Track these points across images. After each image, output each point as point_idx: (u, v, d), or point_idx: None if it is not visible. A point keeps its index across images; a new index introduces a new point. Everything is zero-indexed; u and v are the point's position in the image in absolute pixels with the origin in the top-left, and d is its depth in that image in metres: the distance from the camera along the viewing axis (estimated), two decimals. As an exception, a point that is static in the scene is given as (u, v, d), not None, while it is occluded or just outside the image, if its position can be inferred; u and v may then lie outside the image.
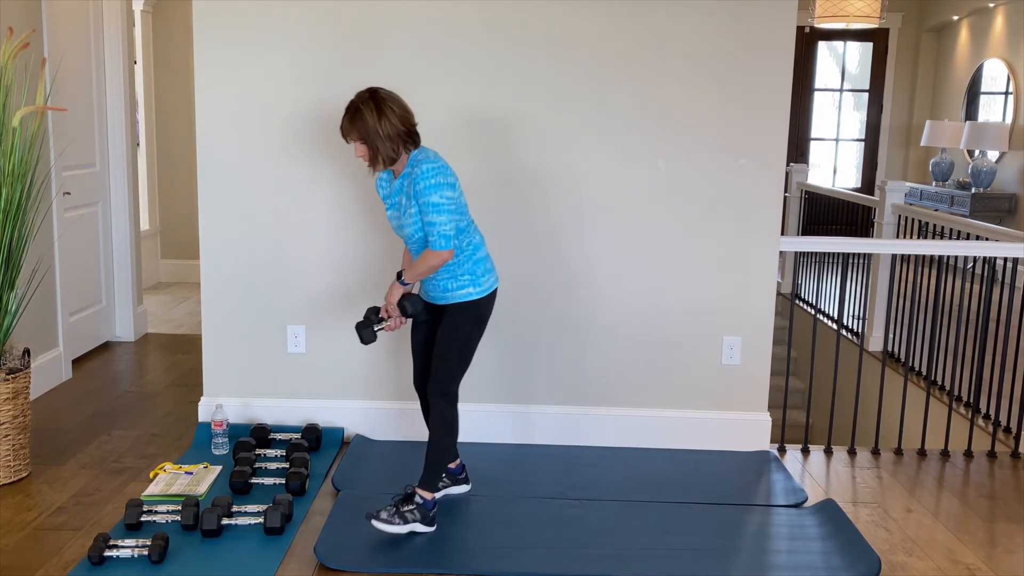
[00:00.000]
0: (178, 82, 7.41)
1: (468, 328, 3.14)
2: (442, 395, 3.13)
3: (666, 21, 3.74)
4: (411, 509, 3.08)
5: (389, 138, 2.98)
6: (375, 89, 3.04)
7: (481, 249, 3.18)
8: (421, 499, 3.10)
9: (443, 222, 2.99)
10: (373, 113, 2.96)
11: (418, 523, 3.08)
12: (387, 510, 3.07)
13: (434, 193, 2.97)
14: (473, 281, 3.13)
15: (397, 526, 3.05)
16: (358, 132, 2.99)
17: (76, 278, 5.04)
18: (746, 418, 4.00)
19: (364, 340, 3.21)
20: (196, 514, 3.06)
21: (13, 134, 3.41)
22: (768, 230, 3.88)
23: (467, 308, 3.14)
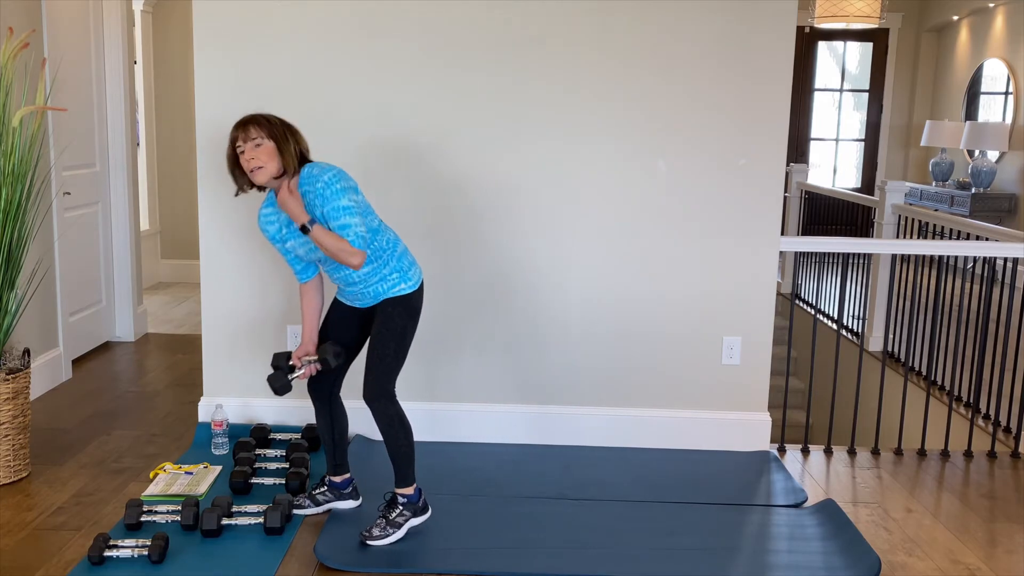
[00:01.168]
0: (178, 82, 7.41)
1: (402, 322, 3.04)
2: (381, 396, 3.02)
3: (666, 21, 3.74)
4: (400, 512, 3.06)
5: (292, 148, 2.92)
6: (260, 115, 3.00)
7: (399, 244, 3.10)
8: (404, 497, 3.08)
9: (356, 224, 2.88)
10: (282, 122, 2.95)
11: (411, 519, 3.08)
12: (377, 525, 3.04)
13: (342, 197, 2.87)
14: (403, 277, 3.05)
15: (394, 534, 3.03)
16: (267, 131, 2.90)
17: (76, 278, 5.04)
18: (746, 418, 4.00)
19: (280, 392, 3.04)
20: (196, 514, 3.06)
21: (13, 134, 3.41)
22: (768, 230, 3.88)
23: (400, 302, 3.05)
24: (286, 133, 2.93)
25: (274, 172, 2.90)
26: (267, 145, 2.89)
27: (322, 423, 3.25)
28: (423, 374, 3.97)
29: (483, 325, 3.95)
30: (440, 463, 3.75)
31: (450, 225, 3.88)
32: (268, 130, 2.91)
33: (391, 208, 3.84)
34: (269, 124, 2.92)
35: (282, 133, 2.92)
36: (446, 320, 3.93)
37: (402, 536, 3.05)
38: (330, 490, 3.30)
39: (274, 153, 2.89)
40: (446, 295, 3.91)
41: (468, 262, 3.90)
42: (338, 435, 3.27)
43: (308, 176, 2.93)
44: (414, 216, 3.86)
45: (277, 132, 2.91)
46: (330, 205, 2.87)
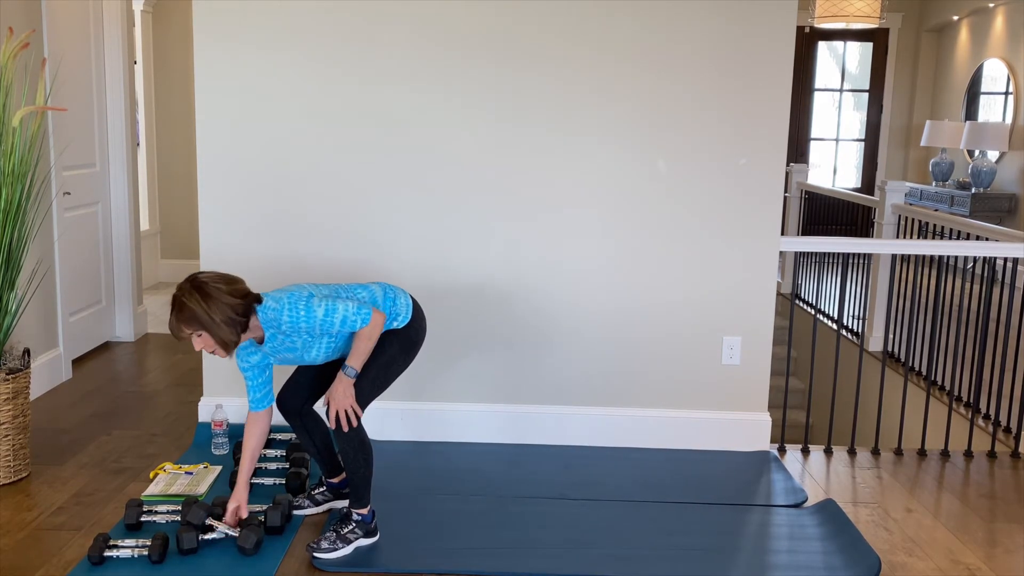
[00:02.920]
0: (178, 82, 7.41)
1: (392, 352, 3.01)
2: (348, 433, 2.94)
3: (666, 21, 3.74)
4: (352, 529, 3.00)
5: (226, 322, 2.75)
6: (193, 276, 2.80)
7: (375, 293, 3.03)
8: (359, 516, 3.02)
9: (345, 307, 2.84)
10: (200, 302, 2.72)
11: (361, 539, 3.02)
12: (327, 539, 2.96)
13: (316, 310, 2.83)
14: (392, 318, 3.03)
15: (341, 549, 2.96)
16: (193, 326, 2.75)
17: (76, 278, 5.04)
18: (746, 418, 4.00)
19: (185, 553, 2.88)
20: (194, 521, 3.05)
21: (13, 134, 3.41)
22: (768, 230, 3.88)
23: (397, 333, 3.04)
24: (210, 315, 2.73)
25: (229, 344, 2.79)
26: (205, 335, 2.77)
27: (301, 438, 3.23)
28: (424, 374, 3.97)
29: (484, 325, 3.95)
30: (440, 463, 3.75)
31: (450, 225, 3.88)
32: (195, 323, 2.74)
33: (390, 207, 3.85)
34: (194, 316, 2.73)
35: (208, 320, 2.73)
36: (446, 320, 3.93)
37: (349, 553, 2.96)
38: (328, 490, 3.31)
39: (212, 339, 2.77)
40: (446, 295, 3.91)
41: (467, 262, 3.90)
42: (320, 445, 3.24)
43: (274, 323, 2.85)
44: (413, 216, 3.86)
45: (203, 319, 2.73)
46: (315, 324, 2.84)
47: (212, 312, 2.72)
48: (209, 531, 3.00)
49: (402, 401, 3.99)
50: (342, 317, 2.85)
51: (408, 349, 3.06)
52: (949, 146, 8.76)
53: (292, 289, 2.92)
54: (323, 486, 3.32)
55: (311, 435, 3.22)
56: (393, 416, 4.00)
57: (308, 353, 2.98)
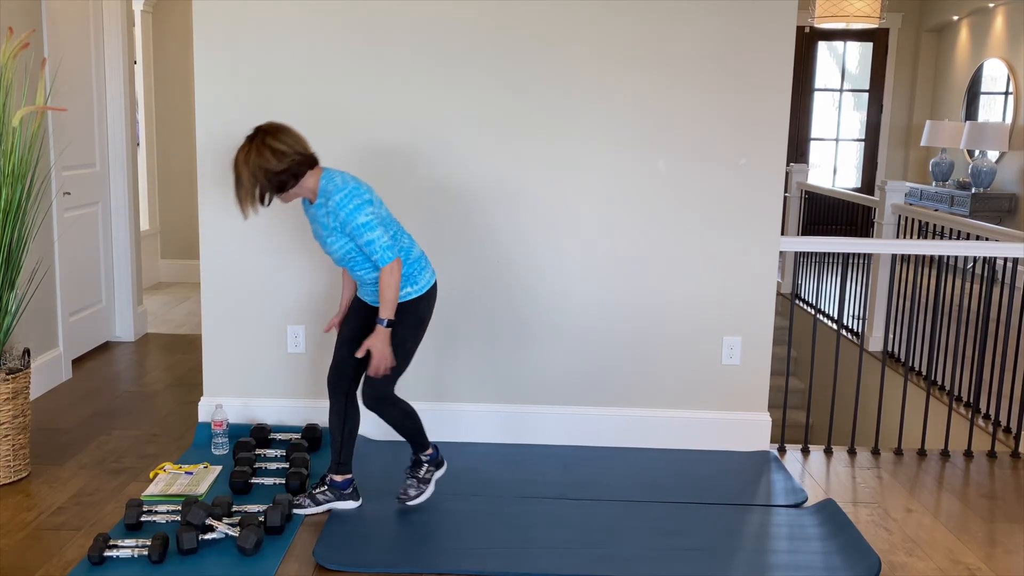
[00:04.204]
0: (178, 82, 7.41)
1: (404, 331, 3.13)
2: (381, 400, 3.15)
3: (666, 21, 3.74)
4: (426, 469, 3.33)
5: (257, 181, 2.97)
6: (259, 127, 3.02)
7: (413, 250, 3.19)
8: (428, 456, 3.33)
9: (378, 237, 3.00)
10: (243, 159, 2.96)
11: (435, 473, 3.35)
12: (411, 486, 3.30)
13: (359, 214, 2.99)
14: (410, 281, 3.15)
15: (427, 491, 3.30)
16: (242, 175, 2.98)
17: (76, 278, 5.04)
18: (746, 418, 4.00)
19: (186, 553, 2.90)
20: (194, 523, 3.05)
21: (13, 134, 3.41)
22: (768, 230, 3.88)
23: (407, 309, 3.13)
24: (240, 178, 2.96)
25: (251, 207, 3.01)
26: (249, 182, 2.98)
27: (334, 419, 3.28)
28: (423, 374, 3.97)
29: (483, 325, 3.95)
30: (440, 463, 3.75)
31: (449, 225, 3.88)
32: (243, 175, 2.97)
33: (390, 207, 3.84)
34: (243, 167, 2.97)
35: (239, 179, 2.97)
36: (446, 320, 3.93)
37: (432, 491, 3.32)
38: (330, 489, 3.30)
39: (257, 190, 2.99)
40: (445, 295, 3.90)
41: (467, 262, 3.90)
42: (347, 432, 3.29)
43: (323, 192, 3.04)
44: (414, 215, 3.86)
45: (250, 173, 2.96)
46: (351, 224, 3.00)
47: (260, 165, 2.94)
48: (209, 531, 3.00)
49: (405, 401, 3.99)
50: (374, 239, 2.99)
51: (418, 324, 3.20)
52: (949, 146, 8.76)
53: (359, 185, 3.04)
54: (325, 485, 3.31)
55: (344, 421, 3.28)
56: (393, 416, 4.00)
57: (330, 241, 3.08)
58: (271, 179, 2.97)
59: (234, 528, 3.01)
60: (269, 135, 2.99)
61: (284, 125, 3.05)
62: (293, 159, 2.98)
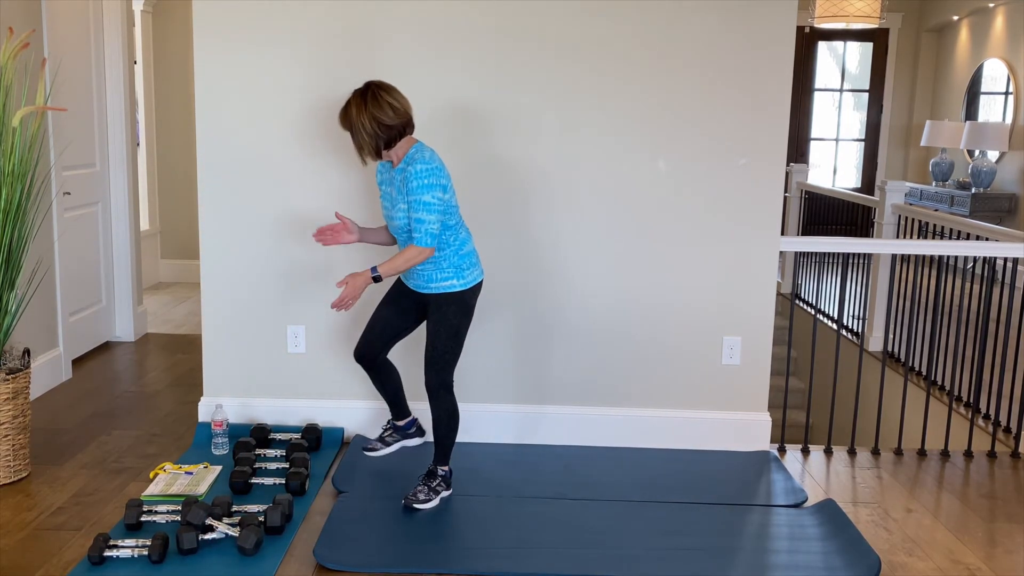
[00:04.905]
0: (178, 82, 7.41)
1: (456, 320, 3.28)
2: (441, 387, 3.32)
3: (667, 21, 3.74)
4: (439, 482, 3.38)
5: (370, 133, 3.11)
6: (371, 82, 3.17)
7: (467, 245, 3.31)
8: (443, 472, 3.40)
9: (431, 221, 3.11)
10: (361, 107, 3.10)
11: (444, 491, 3.41)
12: (421, 491, 3.33)
13: (426, 193, 3.09)
14: (457, 274, 3.26)
15: (433, 501, 3.34)
16: (345, 123, 3.16)
17: (76, 278, 5.04)
18: (746, 418, 4.00)
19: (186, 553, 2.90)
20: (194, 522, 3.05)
21: (13, 134, 3.41)
22: (768, 230, 3.88)
23: (452, 300, 3.27)
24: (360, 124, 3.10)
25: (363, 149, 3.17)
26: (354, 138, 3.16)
27: (375, 384, 3.54)
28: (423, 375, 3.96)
29: (483, 325, 3.95)
30: (440, 463, 3.75)
31: (450, 225, 3.88)
32: (345, 123, 3.16)
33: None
34: (348, 116, 3.14)
35: (357, 124, 3.11)
36: (446, 320, 3.93)
37: (437, 503, 3.35)
38: (396, 432, 3.61)
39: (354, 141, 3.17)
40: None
41: (468, 262, 3.90)
42: (391, 390, 3.55)
43: (408, 158, 3.16)
44: (414, 216, 3.86)
45: (352, 123, 3.13)
46: (414, 196, 3.10)
47: (362, 119, 3.09)
48: (209, 531, 3.00)
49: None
50: (425, 219, 3.11)
51: (466, 312, 3.32)
52: (949, 146, 8.76)
53: (443, 168, 3.17)
54: (390, 428, 3.62)
55: (384, 383, 3.53)
56: (393, 416, 4.00)
57: (396, 210, 3.21)
58: (383, 132, 3.12)
59: (234, 528, 3.01)
60: (383, 89, 3.14)
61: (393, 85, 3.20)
62: (403, 118, 3.15)
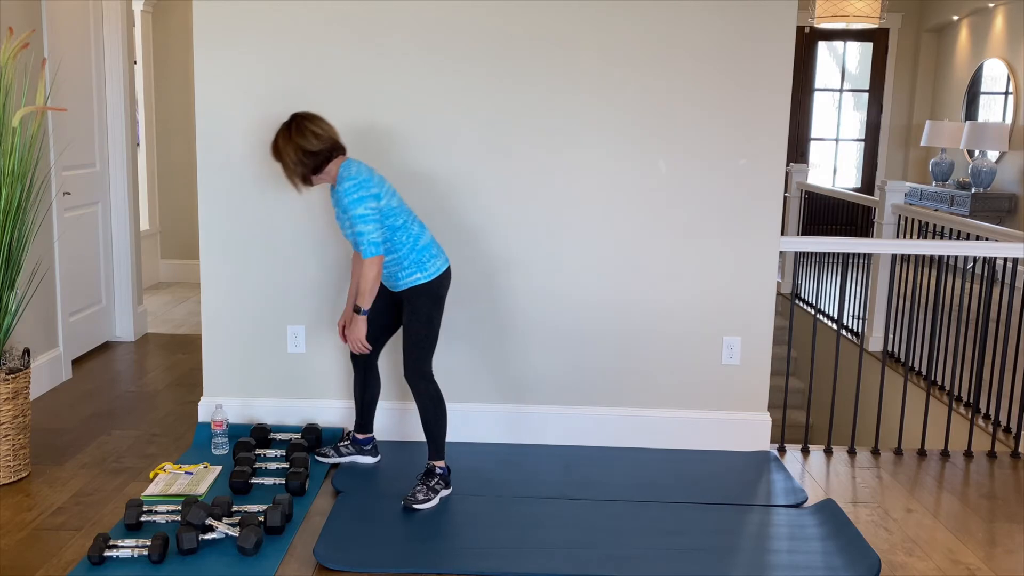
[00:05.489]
0: (178, 82, 7.41)
1: (427, 310, 3.38)
2: (420, 377, 3.39)
3: (667, 21, 3.74)
4: (437, 481, 3.39)
5: (296, 161, 3.24)
6: (296, 114, 3.32)
7: (422, 238, 3.39)
8: (440, 469, 3.42)
9: (369, 231, 3.24)
10: (287, 138, 3.25)
11: (443, 490, 3.42)
12: (420, 491, 3.34)
13: (358, 206, 3.22)
14: (419, 268, 3.36)
15: (432, 500, 3.35)
16: (275, 155, 3.30)
17: (76, 278, 5.04)
18: (746, 418, 4.00)
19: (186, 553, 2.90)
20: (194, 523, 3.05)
21: (13, 134, 3.41)
22: (768, 230, 3.88)
23: (421, 292, 3.38)
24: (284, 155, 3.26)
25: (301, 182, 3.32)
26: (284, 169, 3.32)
27: (357, 388, 3.65)
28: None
29: (483, 325, 3.95)
30: (440, 463, 3.75)
31: (449, 225, 3.88)
32: (274, 155, 3.31)
33: (391, 208, 3.85)
34: (276, 148, 3.29)
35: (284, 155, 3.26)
36: (446, 320, 3.93)
37: (437, 503, 3.36)
38: (352, 444, 3.67)
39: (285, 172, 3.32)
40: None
41: (467, 262, 3.90)
42: (368, 400, 3.66)
43: (339, 178, 3.30)
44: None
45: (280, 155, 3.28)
46: (349, 212, 3.25)
47: (287, 151, 3.24)
48: (209, 531, 3.00)
49: (402, 401, 4.00)
50: (363, 231, 3.24)
51: (436, 302, 3.41)
52: (949, 146, 8.76)
53: (370, 178, 3.28)
54: (348, 440, 3.70)
55: (364, 390, 3.64)
56: (393, 416, 4.00)
57: (344, 228, 3.37)
58: (308, 159, 3.25)
59: (234, 528, 3.01)
60: (306, 119, 3.28)
61: (315, 113, 3.36)
62: (327, 143, 3.27)
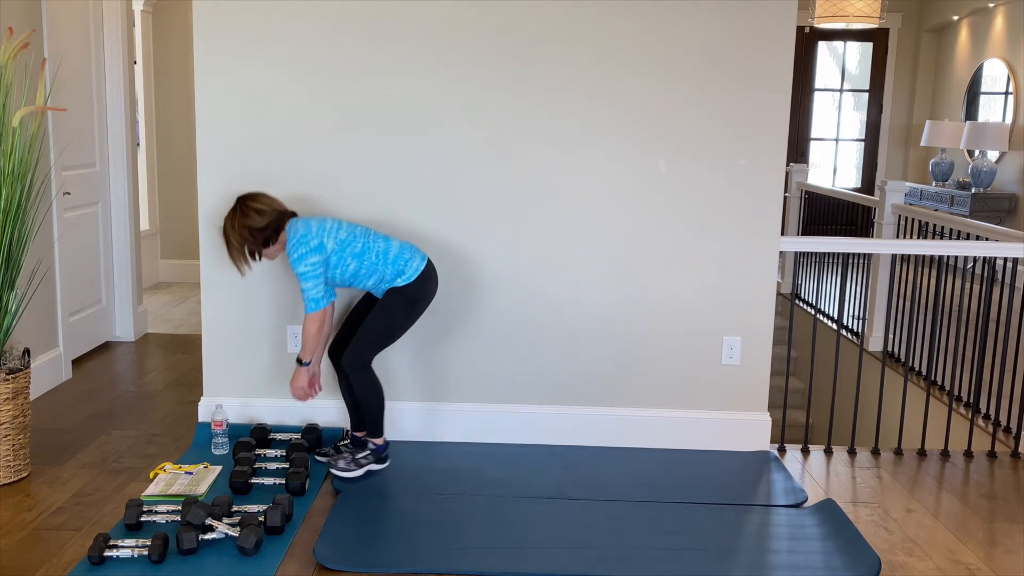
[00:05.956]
0: (178, 82, 7.41)
1: (397, 311, 3.49)
2: (356, 366, 3.47)
3: (667, 21, 3.74)
4: (366, 455, 3.54)
5: (245, 239, 3.41)
6: (239, 197, 3.47)
7: (391, 249, 3.49)
8: (374, 445, 3.56)
9: (309, 288, 3.41)
10: (232, 222, 3.41)
11: (372, 464, 3.56)
12: (343, 458, 3.52)
13: (299, 264, 3.39)
14: (400, 274, 3.48)
15: (355, 471, 3.50)
16: (224, 239, 3.45)
17: (76, 278, 5.04)
18: (746, 418, 4.00)
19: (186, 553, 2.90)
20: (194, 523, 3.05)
21: (13, 134, 3.41)
22: (768, 230, 3.88)
23: (400, 292, 3.49)
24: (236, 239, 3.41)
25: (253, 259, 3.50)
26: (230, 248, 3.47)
27: (343, 388, 3.69)
28: (423, 374, 3.97)
29: (483, 325, 3.95)
30: (440, 463, 3.75)
31: (450, 225, 3.88)
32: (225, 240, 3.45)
33: (390, 207, 3.85)
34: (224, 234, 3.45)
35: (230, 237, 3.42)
36: (446, 319, 3.93)
37: (361, 475, 3.51)
38: (353, 443, 3.67)
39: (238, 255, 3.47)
40: (446, 295, 3.91)
41: (467, 262, 3.90)
42: (355, 398, 3.65)
43: (286, 239, 3.46)
44: (413, 215, 3.86)
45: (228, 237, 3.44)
46: (295, 271, 3.43)
47: (233, 232, 3.40)
48: (209, 531, 3.00)
49: (402, 401, 4.00)
50: (306, 288, 3.41)
51: (411, 305, 3.51)
52: (949, 146, 8.76)
53: (308, 232, 3.41)
54: (347, 439, 3.75)
55: (350, 388, 3.66)
56: (393, 416, 4.00)
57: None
58: (256, 236, 3.41)
59: (234, 528, 3.01)
60: (249, 199, 3.44)
61: (259, 191, 3.54)
62: (272, 216, 3.42)
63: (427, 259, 3.55)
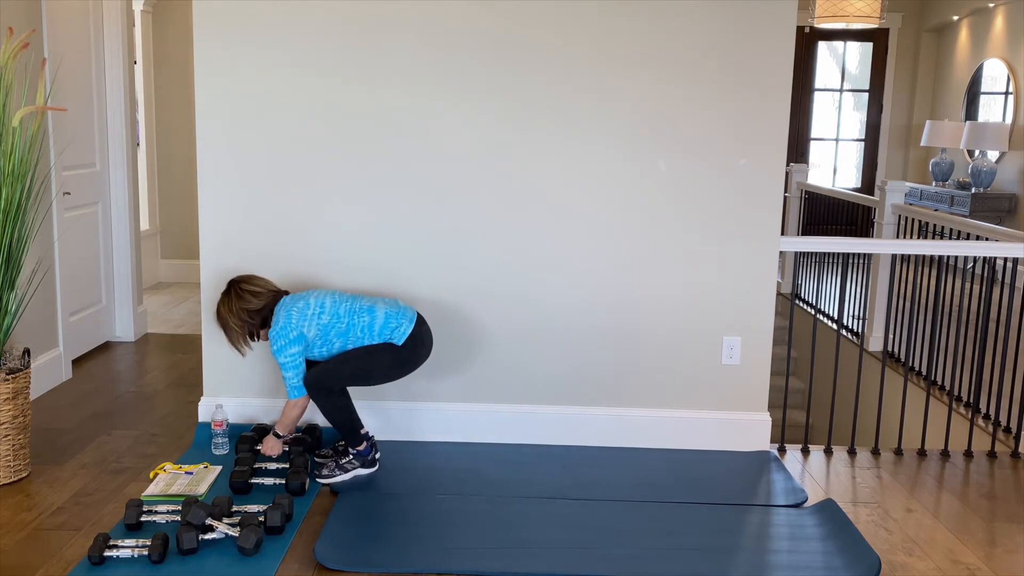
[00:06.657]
0: (178, 82, 7.41)
1: (379, 357, 3.48)
2: (320, 388, 3.44)
3: (667, 21, 3.74)
4: (349, 460, 3.54)
5: (243, 321, 3.47)
6: (231, 280, 3.53)
7: (375, 322, 3.49)
8: (355, 451, 3.54)
9: (291, 377, 3.45)
10: (228, 305, 3.47)
11: (359, 469, 3.55)
12: (327, 467, 3.51)
13: (280, 355, 3.44)
14: (385, 339, 3.49)
15: (340, 476, 3.50)
16: (220, 323, 3.51)
17: (76, 278, 5.04)
18: (746, 418, 4.00)
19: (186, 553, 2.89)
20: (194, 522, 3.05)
21: (13, 134, 3.41)
22: (768, 230, 3.88)
23: (393, 348, 3.49)
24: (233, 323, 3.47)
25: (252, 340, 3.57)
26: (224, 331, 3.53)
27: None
28: (423, 374, 3.97)
29: (483, 325, 3.95)
30: (440, 463, 3.75)
31: (449, 225, 3.88)
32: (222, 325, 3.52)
33: (391, 207, 3.85)
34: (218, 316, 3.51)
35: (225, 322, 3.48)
36: (445, 320, 3.93)
37: (348, 479, 3.51)
38: (355, 459, 3.60)
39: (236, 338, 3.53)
40: (445, 295, 3.91)
41: (467, 262, 3.90)
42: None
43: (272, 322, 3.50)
44: (413, 215, 3.86)
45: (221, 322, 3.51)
46: (276, 360, 3.49)
47: (230, 316, 3.46)
48: (209, 531, 3.00)
49: (402, 401, 4.00)
50: (286, 376, 3.46)
51: (399, 365, 3.52)
52: (949, 146, 8.76)
53: (289, 322, 3.43)
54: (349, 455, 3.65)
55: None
56: (393, 416, 4.00)
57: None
58: (254, 317, 3.48)
59: (234, 528, 3.01)
60: (242, 282, 3.50)
61: (249, 273, 3.64)
62: (267, 297, 3.48)
63: (416, 320, 3.54)
